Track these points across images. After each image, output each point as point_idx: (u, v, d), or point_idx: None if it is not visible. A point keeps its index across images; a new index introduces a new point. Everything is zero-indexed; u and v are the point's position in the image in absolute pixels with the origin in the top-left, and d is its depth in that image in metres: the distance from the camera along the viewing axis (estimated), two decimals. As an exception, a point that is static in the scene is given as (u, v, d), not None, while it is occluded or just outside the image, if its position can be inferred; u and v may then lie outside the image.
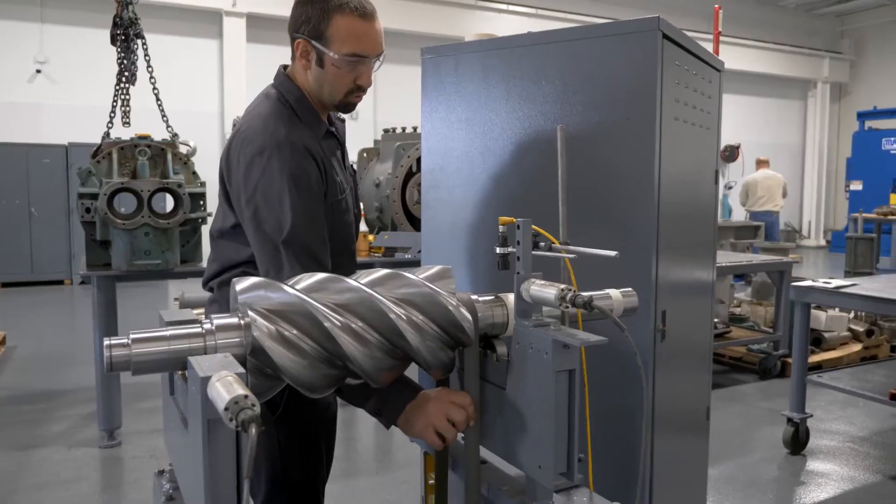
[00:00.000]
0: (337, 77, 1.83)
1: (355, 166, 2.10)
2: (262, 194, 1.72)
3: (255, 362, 1.22)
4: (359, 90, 1.87)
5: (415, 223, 5.15)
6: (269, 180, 1.72)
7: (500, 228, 1.49)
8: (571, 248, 1.40)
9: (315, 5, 1.78)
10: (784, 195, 11.96)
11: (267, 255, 1.72)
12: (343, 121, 2.11)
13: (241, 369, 1.03)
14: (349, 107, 1.91)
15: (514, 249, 1.41)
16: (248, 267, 1.84)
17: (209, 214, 4.64)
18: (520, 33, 2.50)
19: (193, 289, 4.41)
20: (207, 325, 1.22)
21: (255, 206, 1.73)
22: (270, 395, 1.30)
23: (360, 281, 1.35)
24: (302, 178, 1.74)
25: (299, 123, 1.84)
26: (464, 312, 1.38)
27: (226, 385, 0.95)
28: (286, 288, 1.27)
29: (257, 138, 1.76)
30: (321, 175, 1.82)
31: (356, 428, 4.74)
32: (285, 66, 1.97)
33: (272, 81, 1.97)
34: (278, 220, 1.70)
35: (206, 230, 4.67)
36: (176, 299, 5.53)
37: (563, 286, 1.30)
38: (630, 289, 1.56)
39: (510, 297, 1.48)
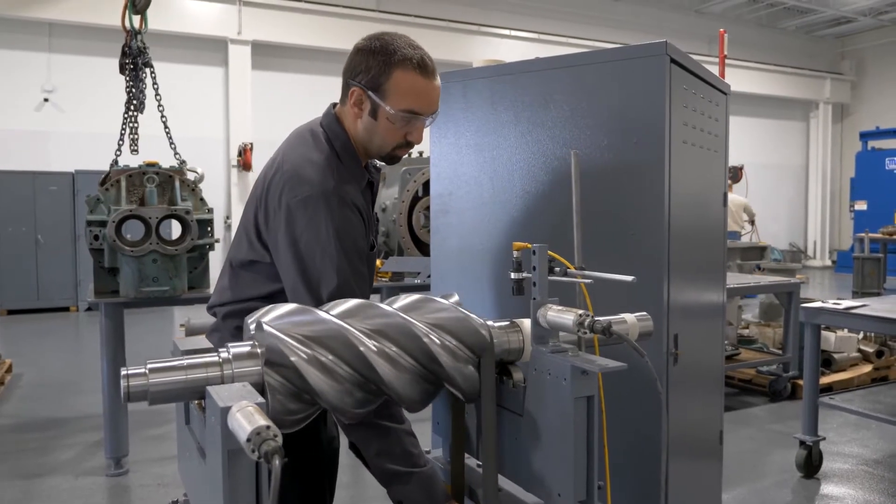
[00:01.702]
0: (388, 131, 1.78)
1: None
2: (306, 246, 1.67)
3: (290, 387, 1.22)
4: (407, 145, 1.83)
5: (421, 247, 5.15)
6: (314, 232, 1.67)
7: (515, 254, 1.49)
8: (587, 273, 1.40)
9: (377, 56, 1.73)
10: (751, 217, 11.83)
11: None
12: (378, 169, 2.04)
13: (261, 399, 1.03)
14: (394, 159, 1.87)
15: (530, 275, 1.40)
16: (259, 302, 1.78)
17: (217, 241, 4.65)
18: (527, 59, 2.52)
19: (200, 315, 4.40)
20: (224, 354, 1.22)
21: (298, 256, 1.68)
22: (304, 423, 1.29)
23: (393, 306, 1.36)
24: (349, 233, 1.71)
25: (346, 174, 1.79)
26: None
27: (247, 416, 0.94)
28: (321, 314, 1.28)
29: (304, 185, 1.70)
30: (365, 229, 1.79)
31: (364, 454, 4.70)
32: (334, 104, 1.90)
33: (320, 118, 1.89)
34: (324, 276, 1.65)
35: (213, 256, 4.70)
36: (182, 325, 5.53)
37: (580, 311, 1.29)
38: (645, 313, 1.55)
39: (525, 323, 1.47)
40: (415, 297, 1.42)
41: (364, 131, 1.80)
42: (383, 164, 1.97)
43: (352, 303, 1.36)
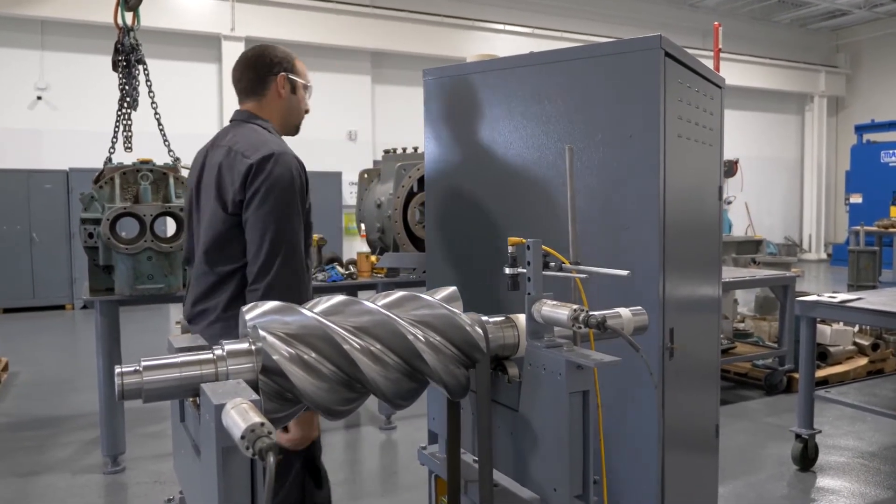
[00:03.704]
0: (302, 102, 2.35)
1: (356, 187, 2.67)
2: (275, 190, 2.04)
3: (274, 386, 1.21)
4: (305, 113, 2.39)
5: (417, 243, 5.14)
6: (280, 177, 2.05)
7: (510, 249, 1.49)
8: (582, 267, 1.39)
9: (276, 52, 2.29)
10: None
11: (264, 251, 2.01)
12: None
13: (256, 396, 1.02)
14: (298, 129, 2.40)
15: (525, 270, 1.40)
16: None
17: (212, 237, 4.63)
18: (521, 53, 2.52)
19: (196, 312, 4.39)
20: (219, 352, 1.21)
21: (262, 196, 2.04)
22: (287, 421, 1.29)
23: (378, 303, 1.35)
24: (302, 189, 2.14)
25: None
26: (480, 332, 1.39)
27: (241, 413, 0.94)
28: (304, 311, 1.27)
29: (265, 145, 2.10)
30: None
31: (361, 450, 4.71)
32: (239, 110, 2.32)
33: (241, 120, 2.27)
34: (285, 228, 2.04)
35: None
36: (178, 323, 5.52)
37: (575, 306, 1.29)
38: (639, 307, 1.55)
39: (521, 318, 1.47)
40: (399, 293, 1.41)
41: (287, 109, 2.32)
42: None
43: (335, 300, 1.35)
